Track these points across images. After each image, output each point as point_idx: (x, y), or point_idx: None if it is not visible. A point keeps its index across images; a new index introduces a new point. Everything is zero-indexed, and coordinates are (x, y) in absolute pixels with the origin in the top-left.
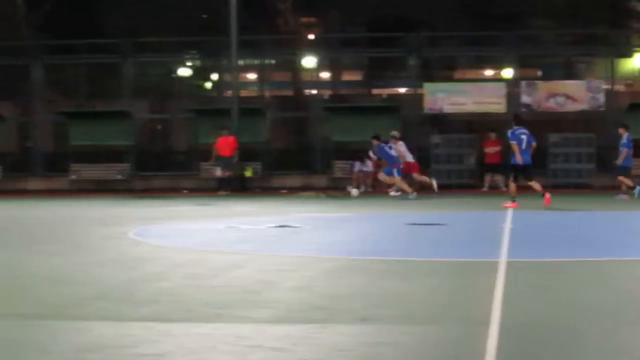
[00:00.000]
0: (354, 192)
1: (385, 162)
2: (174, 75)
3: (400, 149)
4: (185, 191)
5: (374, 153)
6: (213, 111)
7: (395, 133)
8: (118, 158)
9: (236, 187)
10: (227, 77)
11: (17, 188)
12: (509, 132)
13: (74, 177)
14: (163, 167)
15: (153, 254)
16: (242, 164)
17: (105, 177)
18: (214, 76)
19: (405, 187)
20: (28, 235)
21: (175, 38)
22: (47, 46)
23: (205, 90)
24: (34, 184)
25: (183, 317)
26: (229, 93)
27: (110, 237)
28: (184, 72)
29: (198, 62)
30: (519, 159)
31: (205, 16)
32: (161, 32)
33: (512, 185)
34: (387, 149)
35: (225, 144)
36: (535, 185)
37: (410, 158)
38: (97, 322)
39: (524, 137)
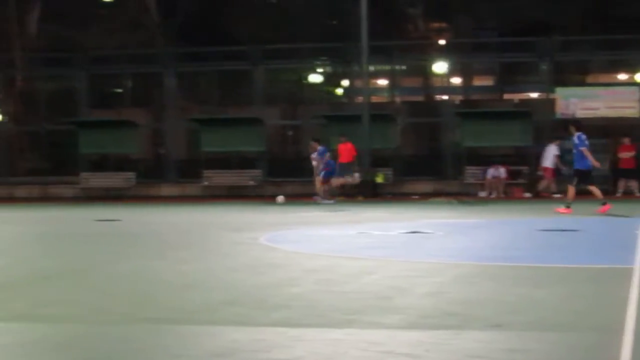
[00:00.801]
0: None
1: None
2: (304, 81)
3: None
4: (316, 197)
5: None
6: (344, 117)
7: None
8: (249, 164)
9: (368, 193)
10: (358, 83)
11: (150, 194)
12: None
13: (206, 183)
14: (294, 172)
15: (284, 260)
16: (373, 170)
17: (237, 183)
18: (345, 82)
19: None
20: (160, 241)
21: (306, 44)
22: (179, 54)
23: (336, 96)
24: (166, 190)
25: (314, 323)
26: (360, 99)
27: (242, 242)
28: (315, 78)
29: (329, 69)
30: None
31: (335, 22)
32: (292, 38)
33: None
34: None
35: (344, 150)
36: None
37: None
38: (229, 327)
39: None
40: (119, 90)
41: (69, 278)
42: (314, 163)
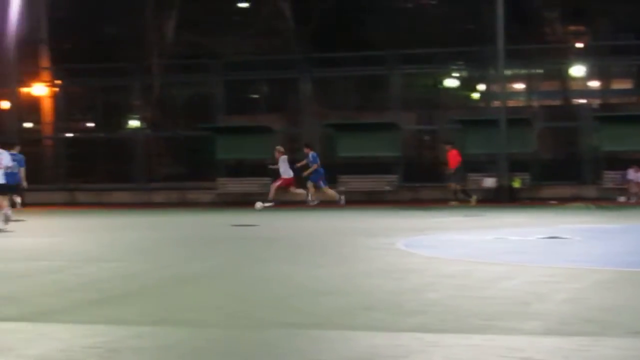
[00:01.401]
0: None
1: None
2: (440, 86)
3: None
4: (453, 203)
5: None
6: (480, 122)
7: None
8: (385, 169)
9: (504, 198)
10: (495, 88)
11: (286, 199)
12: None
13: (342, 188)
14: (430, 177)
15: (421, 265)
16: (510, 175)
17: (373, 189)
18: (481, 87)
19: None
20: (296, 246)
21: (442, 49)
22: (315, 60)
23: (472, 100)
24: (302, 195)
25: (452, 328)
26: (496, 103)
27: (378, 247)
28: (451, 83)
29: (465, 73)
30: None
31: (471, 26)
32: (427, 43)
33: None
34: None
35: (450, 157)
36: None
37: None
38: (366, 333)
39: None
40: (255, 96)
41: (206, 283)
42: (316, 167)
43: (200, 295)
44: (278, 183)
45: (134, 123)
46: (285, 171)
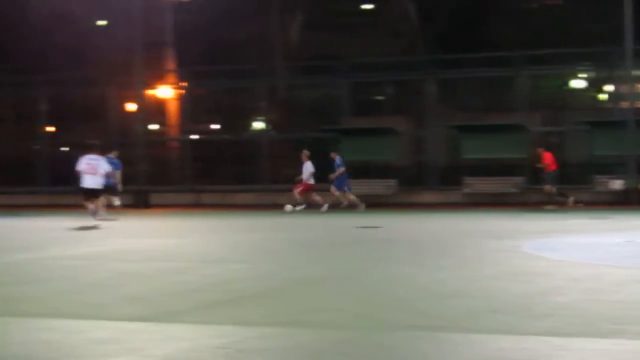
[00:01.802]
0: None
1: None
2: (566, 87)
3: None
4: (581, 204)
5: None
6: (607, 123)
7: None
8: (510, 171)
9: (634, 200)
10: (622, 88)
11: (411, 201)
12: None
13: (467, 190)
14: (557, 179)
15: (548, 268)
16: (638, 177)
17: (499, 191)
18: (608, 87)
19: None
20: (419, 248)
21: (568, 49)
22: (439, 61)
23: (599, 101)
24: (427, 197)
25: (581, 332)
26: (625, 104)
27: (503, 250)
28: (578, 83)
29: (592, 74)
30: None
31: (598, 26)
32: (553, 43)
33: None
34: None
35: (545, 159)
36: None
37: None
38: (493, 335)
39: None
40: (379, 98)
41: (331, 284)
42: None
43: (325, 297)
44: (301, 188)
45: (258, 125)
46: (305, 176)
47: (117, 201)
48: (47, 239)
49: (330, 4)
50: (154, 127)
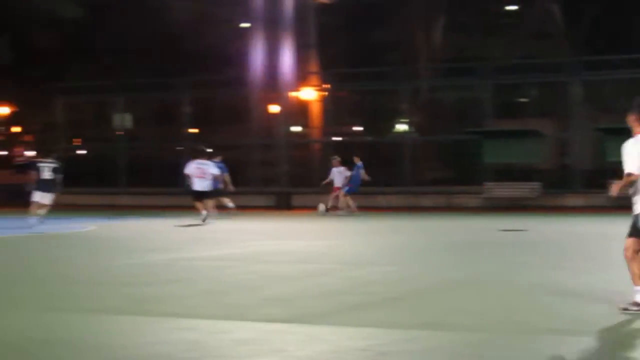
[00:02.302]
0: None
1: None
2: None
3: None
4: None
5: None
6: None
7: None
8: None
9: None
10: None
11: (555, 204)
12: None
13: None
14: None
15: None
16: None
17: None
18: None
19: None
20: (563, 251)
21: None
22: (585, 62)
23: None
24: (572, 200)
25: None
26: None
27: None
28: None
29: None
30: None
31: None
32: None
33: None
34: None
35: None
36: None
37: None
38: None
39: None
40: (523, 100)
41: (473, 287)
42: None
43: (468, 300)
44: (335, 193)
45: (401, 127)
46: (338, 181)
47: (229, 203)
48: (190, 240)
49: (474, 5)
50: (296, 128)
